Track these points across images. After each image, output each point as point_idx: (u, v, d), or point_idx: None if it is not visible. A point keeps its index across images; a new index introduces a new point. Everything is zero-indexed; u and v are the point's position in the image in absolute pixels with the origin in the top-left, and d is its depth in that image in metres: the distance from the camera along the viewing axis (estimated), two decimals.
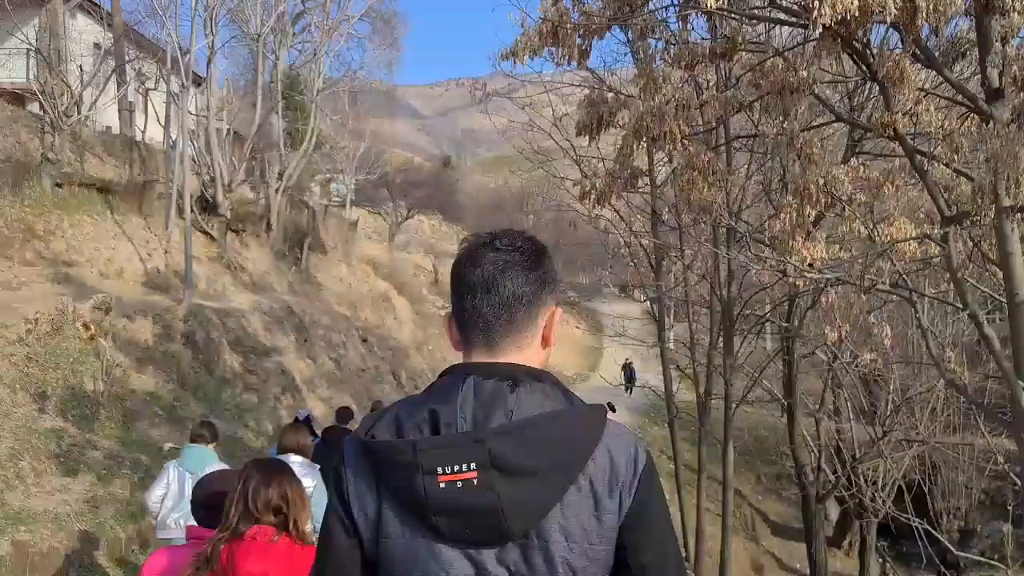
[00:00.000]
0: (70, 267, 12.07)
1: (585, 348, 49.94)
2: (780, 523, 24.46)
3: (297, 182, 22.03)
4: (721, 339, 11.15)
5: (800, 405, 13.39)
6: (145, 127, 22.86)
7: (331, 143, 34.49)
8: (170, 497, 5.57)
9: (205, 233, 16.63)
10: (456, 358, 1.38)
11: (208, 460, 5.35)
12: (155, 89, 24.91)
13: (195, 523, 2.85)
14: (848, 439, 14.99)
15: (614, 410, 3.15)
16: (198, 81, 18.66)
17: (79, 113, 13.79)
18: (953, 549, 12.93)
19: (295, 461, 4.78)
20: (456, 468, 1.16)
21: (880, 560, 18.87)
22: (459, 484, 1.16)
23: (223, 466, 4.94)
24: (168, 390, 11.23)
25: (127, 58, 20.01)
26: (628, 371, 34.20)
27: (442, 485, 1.17)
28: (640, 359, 42.05)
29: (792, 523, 23.08)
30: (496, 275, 1.30)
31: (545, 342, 1.35)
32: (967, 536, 18.44)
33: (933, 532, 16.43)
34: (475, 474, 1.16)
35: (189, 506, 3.03)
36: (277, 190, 19.79)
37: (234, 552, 2.40)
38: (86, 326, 10.33)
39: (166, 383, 11.32)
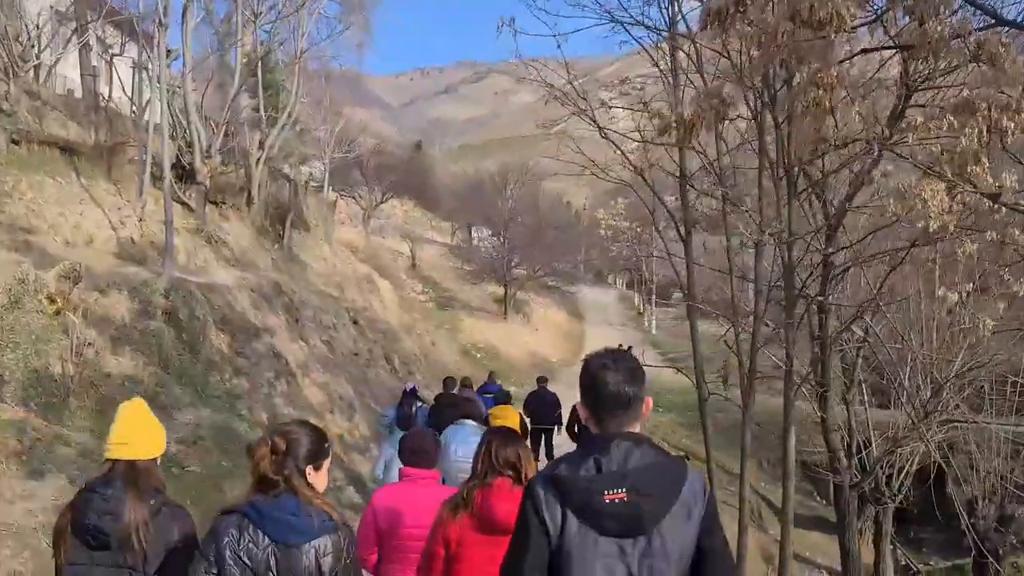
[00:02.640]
0: (30, 233, 10.38)
1: (565, 333, 48.89)
2: None
3: (278, 153, 20.34)
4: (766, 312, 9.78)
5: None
6: (109, 95, 21.02)
7: (303, 126, 32.88)
8: (392, 466, 6.78)
9: (182, 203, 14.95)
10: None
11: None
12: (120, 55, 23.05)
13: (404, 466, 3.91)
14: (879, 423, 13.78)
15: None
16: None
17: (37, 57, 12.03)
18: (970, 534, 11.94)
19: (470, 425, 6.26)
20: (614, 491, 2.08)
21: (891, 547, 17.81)
22: (616, 501, 2.08)
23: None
24: (149, 374, 9.62)
25: (89, 19, 18.15)
26: None
27: (607, 501, 2.08)
28: (620, 343, 41.28)
29: (800, 510, 22.03)
30: (621, 384, 2.20)
31: (642, 417, 2.26)
32: (1006, 521, 17.49)
33: (966, 517, 15.39)
34: (625, 495, 2.08)
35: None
36: (258, 160, 18.11)
37: (486, 496, 3.23)
38: (51, 298, 8.70)
39: (147, 366, 9.71)
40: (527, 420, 11.45)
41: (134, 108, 19.16)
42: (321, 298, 17.95)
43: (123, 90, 22.35)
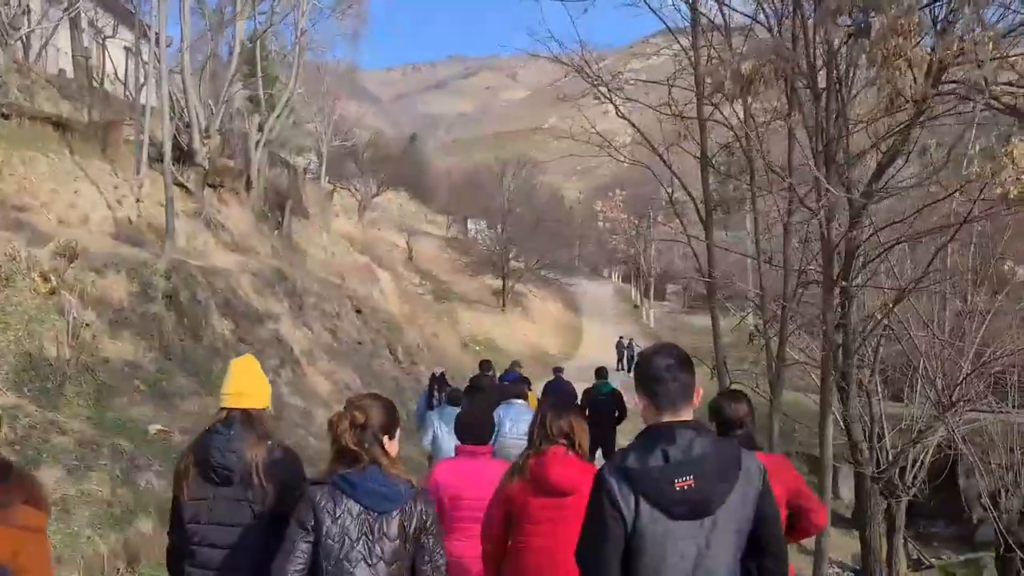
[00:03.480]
0: (22, 211, 9.74)
1: (563, 327, 48.41)
2: None
3: (276, 138, 19.68)
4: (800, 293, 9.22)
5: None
6: (102, 79, 20.33)
7: (296, 118, 32.27)
8: (442, 439, 6.97)
9: (180, 186, 14.31)
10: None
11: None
12: (113, 37, 22.34)
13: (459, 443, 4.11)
14: (889, 415, 13.26)
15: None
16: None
17: (28, 25, 11.37)
18: (997, 527, 11.47)
19: (519, 403, 6.98)
20: (684, 479, 2.21)
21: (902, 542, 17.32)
22: (686, 488, 2.20)
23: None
24: (150, 359, 9.01)
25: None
26: (628, 349, 32.52)
27: (677, 489, 2.20)
28: (616, 335, 40.83)
29: None
30: (678, 374, 2.34)
31: (693, 404, 2.38)
32: None
33: (992, 510, 14.89)
34: (691, 481, 2.20)
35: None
36: (257, 143, 17.46)
37: (541, 463, 3.39)
38: (44, 277, 8.08)
39: (147, 351, 9.10)
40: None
41: (128, 92, 18.53)
42: (323, 286, 17.36)
43: (115, 74, 21.66)
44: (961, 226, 7.85)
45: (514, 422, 6.81)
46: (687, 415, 2.33)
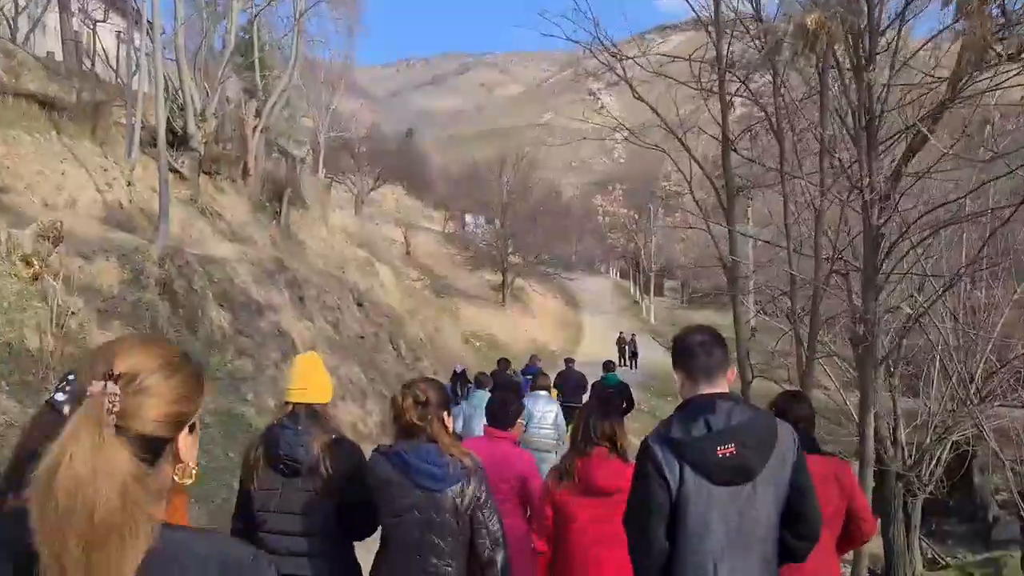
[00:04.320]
0: (4, 193, 9.04)
1: (564, 322, 47.86)
2: None
3: (274, 126, 18.98)
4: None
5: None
6: (93, 62, 19.64)
7: (292, 110, 31.58)
8: (474, 421, 7.30)
9: (175, 171, 13.62)
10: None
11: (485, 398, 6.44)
12: (103, 22, 21.65)
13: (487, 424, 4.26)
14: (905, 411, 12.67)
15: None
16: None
17: (16, 8, 10.66)
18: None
19: (543, 395, 8.01)
20: (725, 446, 2.31)
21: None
22: (728, 454, 2.31)
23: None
24: None
25: None
26: (629, 344, 31.89)
27: (720, 456, 2.31)
28: (616, 330, 40.29)
29: None
30: (715, 350, 2.47)
31: (728, 380, 2.51)
32: None
33: (1020, 510, 14.30)
34: (733, 449, 2.31)
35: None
36: (255, 129, 16.75)
37: (585, 465, 3.52)
38: (26, 260, 7.39)
39: None
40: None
41: (119, 79, 17.84)
42: (323, 278, 16.68)
43: (107, 60, 20.97)
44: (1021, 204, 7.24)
45: (541, 414, 7.70)
46: (723, 388, 2.46)
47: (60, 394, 2.02)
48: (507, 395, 4.63)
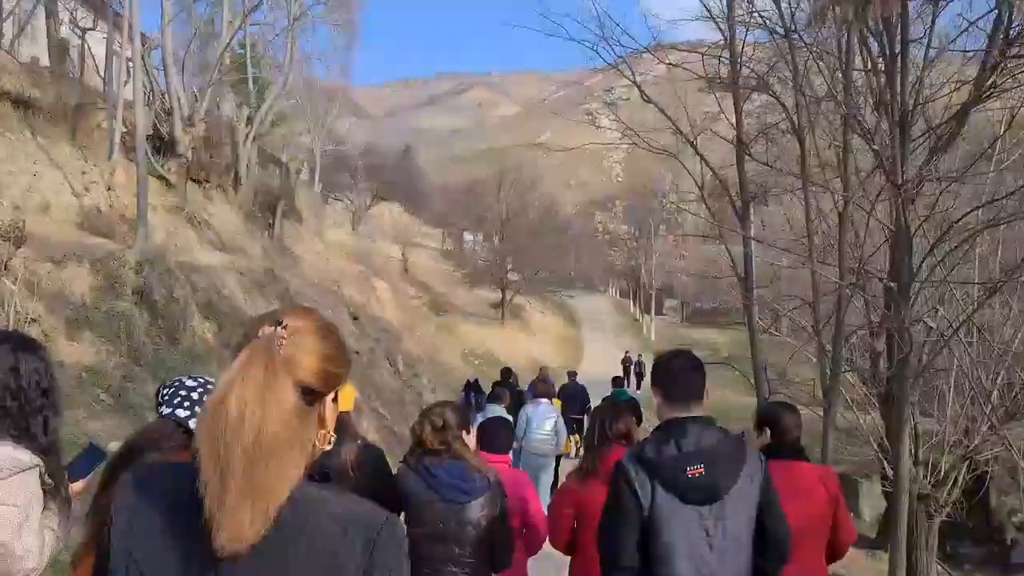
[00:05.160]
0: None
1: (564, 340, 47.18)
2: None
3: (267, 133, 18.35)
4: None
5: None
6: (81, 70, 19.04)
7: (288, 128, 31.11)
8: None
9: (161, 178, 12.98)
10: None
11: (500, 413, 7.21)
12: (93, 29, 21.07)
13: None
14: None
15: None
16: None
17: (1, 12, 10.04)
18: None
19: (543, 402, 8.35)
20: (694, 467, 2.40)
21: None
22: (697, 475, 2.39)
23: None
24: (115, 364, 7.60)
25: None
26: (636, 365, 31.08)
27: (689, 475, 2.40)
28: (617, 348, 39.60)
29: None
30: (691, 375, 2.59)
31: (705, 402, 2.60)
32: None
33: None
34: (702, 469, 2.40)
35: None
36: (246, 136, 16.12)
37: (608, 461, 3.33)
38: None
39: (112, 355, 7.70)
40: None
41: (105, 81, 17.25)
42: (317, 291, 16.01)
43: (97, 69, 20.41)
44: None
45: (539, 420, 8.02)
46: (698, 411, 2.56)
47: (165, 407, 2.32)
48: (497, 427, 4.41)
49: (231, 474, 1.09)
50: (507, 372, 11.75)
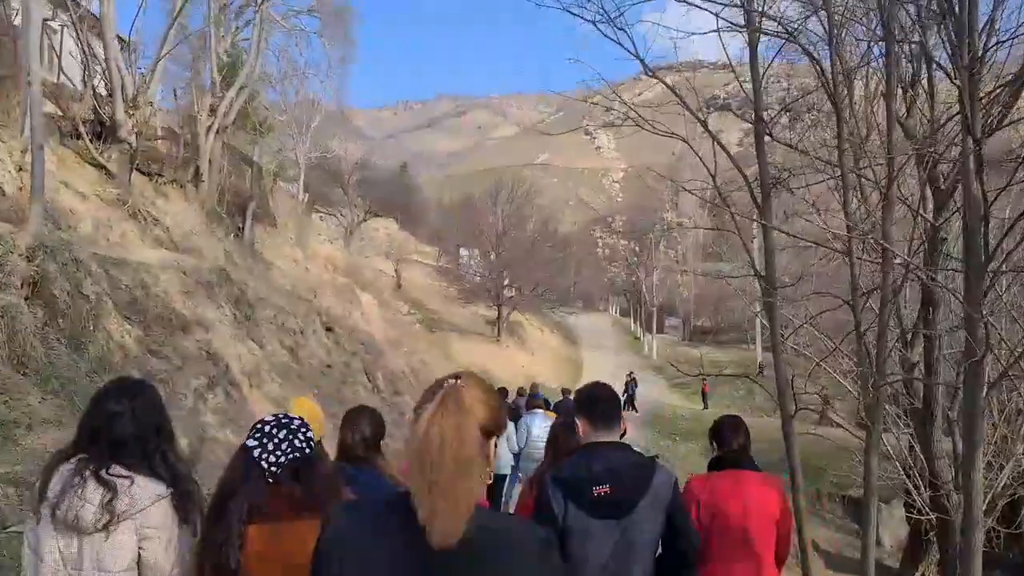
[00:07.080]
0: None
1: (562, 358, 45.56)
2: (832, 552, 19.68)
3: (235, 128, 16.77)
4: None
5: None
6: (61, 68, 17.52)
7: (281, 144, 29.80)
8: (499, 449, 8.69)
9: (99, 166, 11.38)
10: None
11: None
12: (52, 20, 19.58)
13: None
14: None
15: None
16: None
17: None
18: None
19: (539, 413, 9.20)
20: (602, 486, 2.80)
21: None
22: (604, 492, 2.80)
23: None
24: None
25: None
26: (628, 386, 29.42)
27: (596, 494, 2.79)
28: (617, 367, 37.97)
29: (845, 551, 18.55)
30: (609, 403, 3.06)
31: (620, 430, 3.07)
32: None
33: None
34: (608, 489, 2.80)
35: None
36: (209, 128, 14.54)
37: None
38: None
39: None
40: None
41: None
42: (287, 299, 14.37)
43: (63, 72, 18.93)
44: None
45: (537, 428, 8.65)
46: (614, 437, 3.00)
47: (253, 440, 2.42)
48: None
49: (437, 486, 1.45)
50: (503, 392, 11.68)
